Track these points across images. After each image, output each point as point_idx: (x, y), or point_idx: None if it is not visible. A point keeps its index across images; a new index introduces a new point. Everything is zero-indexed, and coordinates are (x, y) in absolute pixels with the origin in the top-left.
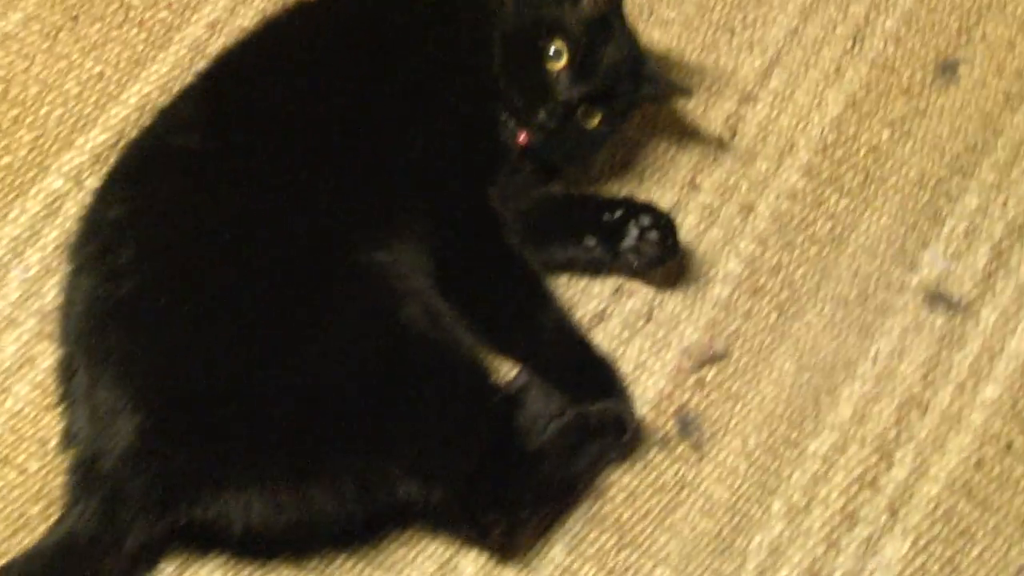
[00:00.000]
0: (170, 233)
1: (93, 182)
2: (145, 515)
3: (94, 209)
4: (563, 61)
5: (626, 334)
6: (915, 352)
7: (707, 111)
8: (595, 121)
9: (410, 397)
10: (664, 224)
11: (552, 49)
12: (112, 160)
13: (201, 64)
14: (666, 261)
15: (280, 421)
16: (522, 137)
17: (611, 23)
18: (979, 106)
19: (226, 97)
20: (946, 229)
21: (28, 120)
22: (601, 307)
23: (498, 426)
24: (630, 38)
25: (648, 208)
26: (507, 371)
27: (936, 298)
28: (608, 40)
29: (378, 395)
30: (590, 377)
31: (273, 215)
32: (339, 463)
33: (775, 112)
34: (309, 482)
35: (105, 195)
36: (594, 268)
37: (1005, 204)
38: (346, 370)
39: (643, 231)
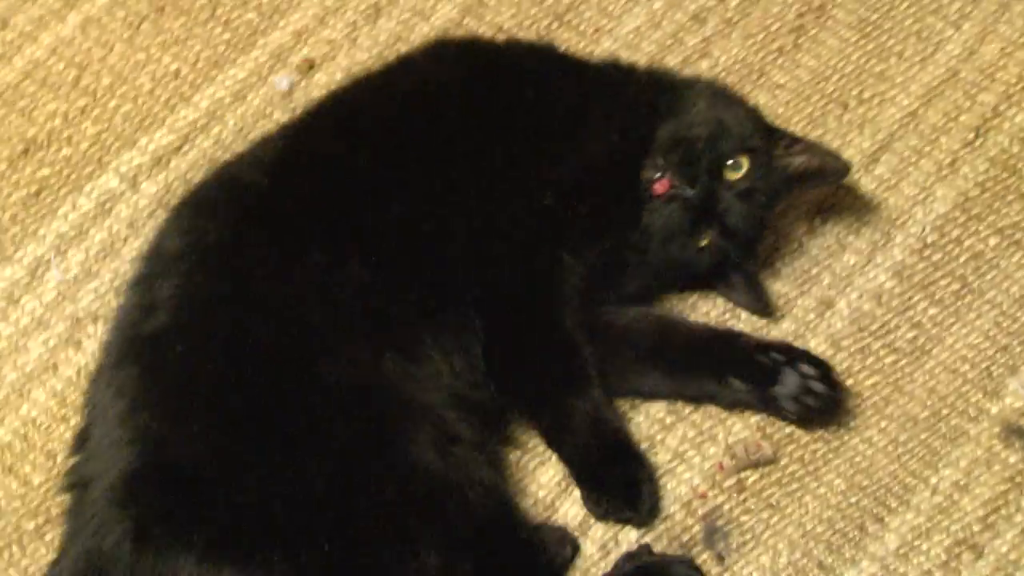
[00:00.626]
0: (211, 279)
1: (149, 186)
2: (120, 565)
3: (160, 232)
4: (739, 174)
5: (670, 419)
6: (981, 488)
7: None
8: (704, 241)
9: (409, 536)
10: (829, 375)
11: (740, 161)
12: (174, 164)
13: (280, 73)
14: (824, 414)
15: (263, 516)
16: (661, 185)
17: (777, 196)
18: None
19: (311, 145)
20: None
21: (95, 112)
22: None
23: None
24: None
25: (810, 356)
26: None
27: (1015, 432)
28: (766, 206)
29: (374, 527)
30: (614, 475)
31: (318, 285)
32: None
33: (876, 201)
34: None
35: (171, 220)
36: (733, 407)
37: None
38: (342, 491)
39: (806, 380)
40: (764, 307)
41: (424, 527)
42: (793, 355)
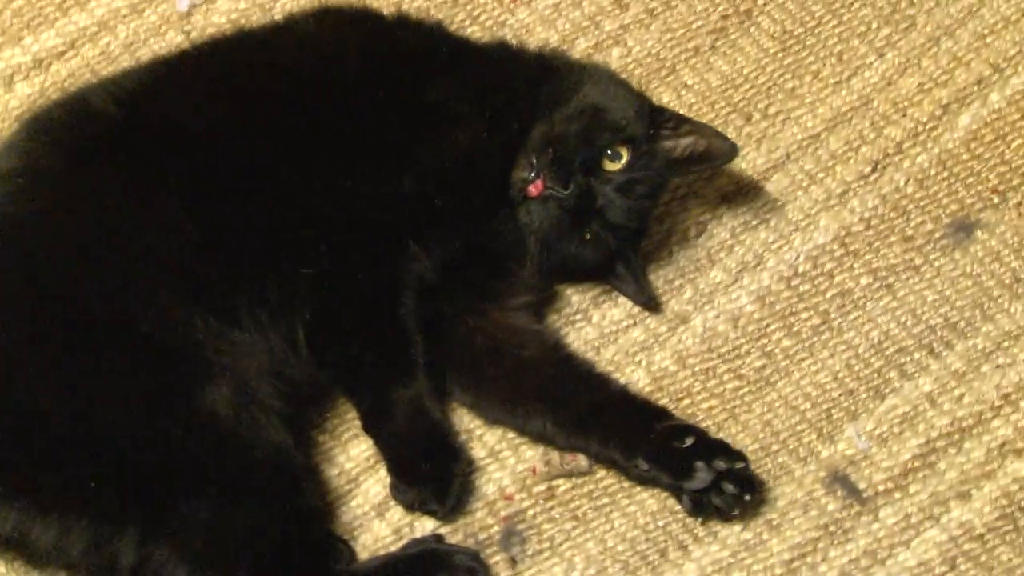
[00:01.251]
0: (33, 204)
1: (24, 87)
2: None
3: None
4: (618, 165)
5: None
6: (792, 531)
7: (685, 198)
8: (587, 235)
9: (184, 483)
10: (744, 475)
11: (619, 152)
12: (54, 69)
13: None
14: (729, 516)
15: (33, 436)
16: (535, 187)
17: (660, 183)
18: (980, 281)
19: (174, 88)
20: (883, 407)
21: None
22: None
23: (289, 538)
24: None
25: (725, 449)
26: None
27: (838, 480)
28: (649, 195)
29: (152, 473)
30: (427, 468)
31: (143, 231)
32: (72, 509)
33: (755, 221)
34: (34, 512)
35: (13, 135)
36: (629, 478)
37: (960, 399)
38: (117, 427)
39: (719, 478)
40: (648, 299)
41: (200, 476)
42: (709, 447)
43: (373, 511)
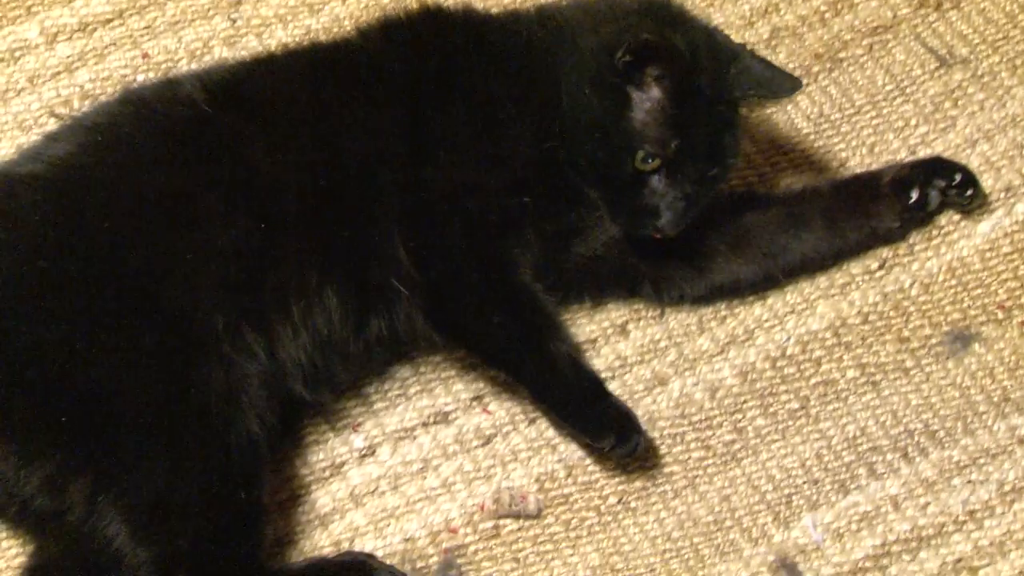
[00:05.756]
0: (100, 163)
1: (64, 48)
2: None
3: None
4: None
5: (454, 448)
6: None
7: None
8: None
9: (148, 446)
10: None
11: None
12: (97, 35)
13: None
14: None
15: (18, 363)
16: None
17: None
18: (968, 394)
19: (267, 80)
20: (845, 503)
21: None
22: (448, 408)
23: (235, 526)
24: None
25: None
26: None
27: (786, 567)
28: None
29: (115, 421)
30: (607, 411)
31: (194, 213)
32: (36, 442)
33: (753, 297)
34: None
35: (109, 100)
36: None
37: (925, 508)
38: (104, 377)
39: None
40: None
41: (167, 444)
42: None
43: (317, 520)
